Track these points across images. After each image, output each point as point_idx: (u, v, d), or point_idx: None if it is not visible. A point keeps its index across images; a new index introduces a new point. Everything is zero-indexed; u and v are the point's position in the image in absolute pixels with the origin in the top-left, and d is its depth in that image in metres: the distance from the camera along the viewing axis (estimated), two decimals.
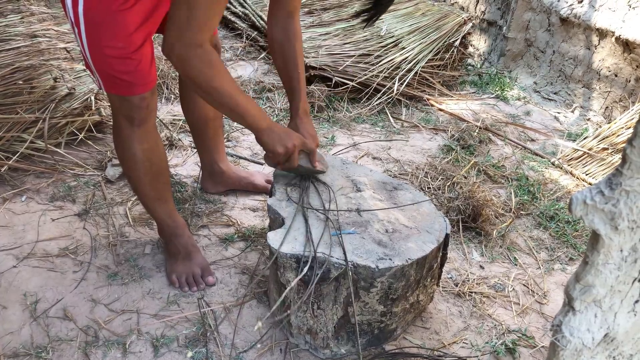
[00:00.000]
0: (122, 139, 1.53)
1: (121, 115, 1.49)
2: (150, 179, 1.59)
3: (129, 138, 1.51)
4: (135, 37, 1.36)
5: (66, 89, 2.19)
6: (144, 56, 1.40)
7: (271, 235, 1.38)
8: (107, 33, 1.33)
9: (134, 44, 1.36)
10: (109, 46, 1.34)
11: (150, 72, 1.44)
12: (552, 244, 2.02)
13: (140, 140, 1.51)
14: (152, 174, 1.58)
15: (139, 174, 1.58)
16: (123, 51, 1.35)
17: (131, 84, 1.42)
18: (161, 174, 1.61)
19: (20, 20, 2.45)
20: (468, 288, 1.75)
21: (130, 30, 1.34)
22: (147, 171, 1.56)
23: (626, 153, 0.67)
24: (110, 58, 1.37)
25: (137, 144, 1.52)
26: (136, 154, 1.53)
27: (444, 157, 2.48)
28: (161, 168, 1.60)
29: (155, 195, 1.63)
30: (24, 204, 1.92)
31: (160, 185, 1.62)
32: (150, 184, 1.60)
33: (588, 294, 0.77)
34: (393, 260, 1.33)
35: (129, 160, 1.56)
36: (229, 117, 1.46)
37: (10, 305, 1.53)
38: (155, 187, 1.61)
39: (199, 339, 1.48)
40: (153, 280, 1.66)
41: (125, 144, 1.53)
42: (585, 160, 2.51)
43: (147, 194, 1.63)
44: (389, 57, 2.96)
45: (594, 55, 2.97)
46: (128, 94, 1.44)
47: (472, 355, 1.52)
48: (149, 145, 1.54)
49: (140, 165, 1.55)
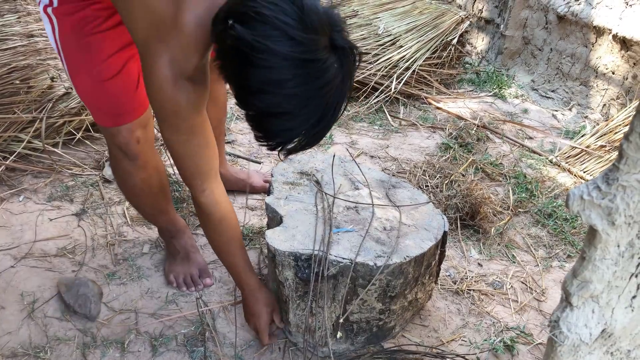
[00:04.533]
0: (120, 172, 1.48)
1: (114, 147, 1.41)
2: (150, 200, 1.56)
3: (127, 171, 1.45)
4: (111, 62, 1.27)
5: (63, 88, 2.19)
6: (125, 81, 1.30)
7: (270, 234, 1.38)
8: (83, 58, 1.26)
9: (110, 70, 1.27)
10: (85, 72, 1.28)
11: (134, 99, 1.33)
12: (550, 242, 2.02)
13: (139, 171, 1.45)
14: (152, 195, 1.54)
15: (139, 199, 1.56)
16: (98, 77, 1.27)
17: (113, 113, 1.33)
18: (161, 192, 1.57)
19: (17, 19, 2.44)
20: (466, 286, 1.75)
21: (104, 55, 1.26)
22: (148, 195, 1.53)
23: (623, 148, 0.67)
24: (88, 85, 1.30)
25: (136, 176, 1.46)
26: (136, 184, 1.48)
27: (442, 155, 2.48)
28: (161, 187, 1.55)
29: (156, 211, 1.62)
30: (21, 203, 1.91)
31: (161, 201, 1.59)
32: (150, 205, 1.58)
33: (585, 290, 0.77)
34: (391, 258, 1.33)
35: (128, 190, 1.53)
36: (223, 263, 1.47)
37: (8, 305, 1.52)
38: (154, 206, 1.59)
39: (198, 338, 1.48)
40: (151, 279, 1.66)
41: (124, 177, 1.48)
42: (583, 158, 2.51)
43: (148, 212, 1.63)
44: (387, 55, 2.96)
45: (592, 53, 2.97)
46: (113, 124, 1.35)
47: (471, 353, 1.52)
48: (149, 174, 1.48)
49: (141, 192, 1.52)
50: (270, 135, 1.01)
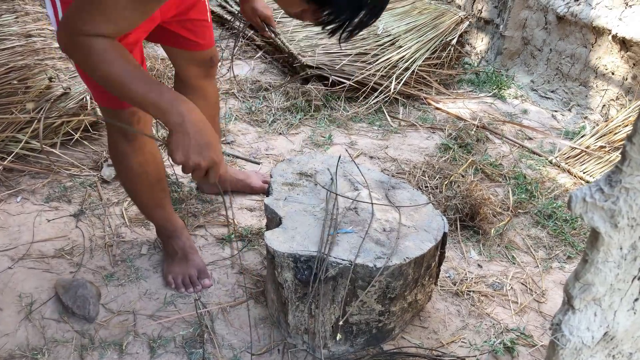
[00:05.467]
0: (117, 153, 1.50)
1: (114, 129, 1.45)
2: (147, 188, 1.57)
3: (124, 153, 1.47)
4: None
5: (61, 88, 2.18)
6: None
7: (269, 235, 1.37)
8: None
9: None
10: None
11: None
12: (550, 243, 2.01)
13: (136, 153, 1.48)
14: (149, 183, 1.56)
15: (136, 186, 1.56)
16: None
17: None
18: (158, 182, 1.58)
19: (14, 19, 2.43)
20: (466, 287, 1.74)
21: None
22: (144, 182, 1.54)
23: (626, 150, 0.66)
24: None
25: (133, 158, 1.48)
26: (133, 167, 1.50)
27: (441, 155, 2.48)
28: (158, 176, 1.58)
29: (153, 203, 1.62)
30: (19, 204, 1.90)
31: (158, 192, 1.60)
32: (147, 194, 1.59)
33: (588, 293, 0.76)
34: (391, 259, 1.32)
35: (125, 174, 1.54)
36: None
37: (6, 307, 1.51)
38: (152, 196, 1.60)
39: (196, 340, 1.47)
40: (150, 281, 1.65)
41: (120, 158, 1.50)
42: (583, 159, 2.51)
43: (145, 202, 1.62)
44: (386, 55, 2.96)
45: (591, 54, 2.97)
46: (117, 107, 1.38)
47: (471, 355, 1.51)
48: (145, 158, 1.50)
49: (137, 178, 1.53)
50: (339, 8, 0.99)
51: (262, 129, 2.56)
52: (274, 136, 2.52)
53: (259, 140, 2.48)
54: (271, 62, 3.23)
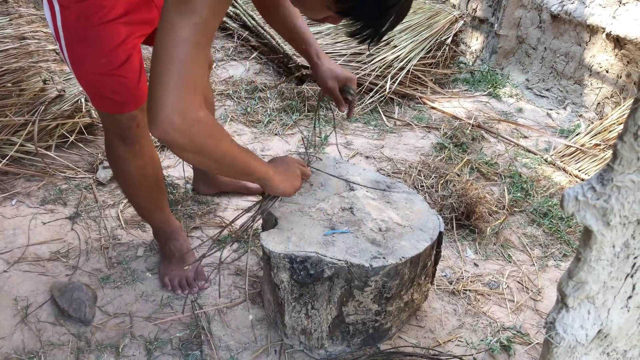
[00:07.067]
0: (115, 157, 1.47)
1: (112, 133, 1.42)
2: (145, 192, 1.56)
3: (122, 157, 1.45)
4: (119, 52, 1.27)
5: (56, 91, 2.17)
6: (130, 71, 1.31)
7: (264, 236, 1.37)
8: (89, 48, 1.25)
9: (117, 59, 1.27)
10: (92, 62, 1.27)
11: (138, 88, 1.34)
12: (546, 241, 2.02)
13: (135, 157, 1.45)
14: (148, 186, 1.54)
15: (134, 190, 1.55)
16: (106, 67, 1.27)
17: (118, 102, 1.34)
18: (156, 185, 1.57)
19: (8, 22, 2.43)
20: (462, 286, 1.74)
21: (113, 44, 1.25)
22: (143, 185, 1.53)
23: (617, 148, 0.66)
24: (93, 75, 1.29)
25: (132, 162, 1.46)
26: (131, 172, 1.48)
27: (437, 155, 2.48)
28: (156, 179, 1.56)
29: (151, 206, 1.61)
30: (14, 207, 1.90)
31: (156, 195, 1.59)
32: (146, 197, 1.57)
33: (581, 291, 0.76)
34: (387, 259, 1.32)
35: (124, 178, 1.52)
36: (234, 178, 1.38)
37: (1, 310, 1.51)
38: (150, 199, 1.59)
39: (193, 342, 1.47)
40: (146, 283, 1.65)
41: (119, 162, 1.48)
42: (578, 157, 2.52)
43: (143, 205, 1.61)
44: (381, 55, 2.96)
45: (585, 52, 2.98)
46: (115, 111, 1.36)
47: (468, 354, 1.51)
48: (144, 161, 1.48)
49: (135, 181, 1.51)
50: (368, 21, 0.99)
51: (257, 130, 2.56)
52: (269, 137, 2.52)
53: (255, 140, 2.48)
54: (266, 63, 3.23)
